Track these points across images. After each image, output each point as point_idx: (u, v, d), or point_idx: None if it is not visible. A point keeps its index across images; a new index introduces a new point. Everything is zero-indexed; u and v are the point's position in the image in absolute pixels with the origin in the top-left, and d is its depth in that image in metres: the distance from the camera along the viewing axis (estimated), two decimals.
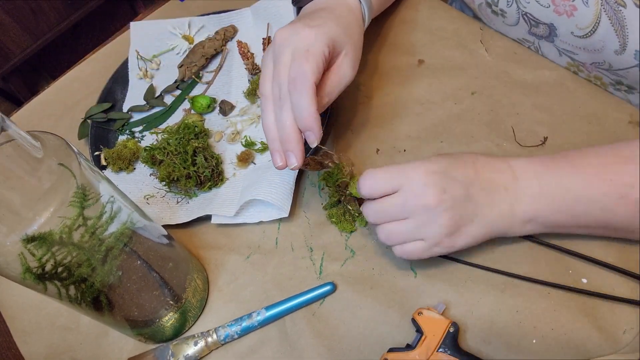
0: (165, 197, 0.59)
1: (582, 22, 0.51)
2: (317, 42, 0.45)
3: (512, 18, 0.59)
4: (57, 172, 0.33)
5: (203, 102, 0.65)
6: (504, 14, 0.59)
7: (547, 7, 0.53)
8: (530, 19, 0.56)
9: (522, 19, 0.58)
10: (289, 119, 0.45)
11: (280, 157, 0.47)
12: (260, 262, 0.53)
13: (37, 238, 0.32)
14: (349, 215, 0.52)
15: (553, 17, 0.54)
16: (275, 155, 0.47)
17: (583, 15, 0.50)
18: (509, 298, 0.46)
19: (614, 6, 0.47)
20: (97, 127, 0.65)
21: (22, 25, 1.54)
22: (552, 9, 0.53)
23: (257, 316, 0.48)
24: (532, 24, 0.57)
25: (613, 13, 0.48)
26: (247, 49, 0.69)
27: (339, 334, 0.47)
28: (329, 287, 0.48)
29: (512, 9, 0.57)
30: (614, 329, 0.43)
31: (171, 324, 0.47)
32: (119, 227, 0.38)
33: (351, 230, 0.52)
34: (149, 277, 0.43)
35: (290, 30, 0.47)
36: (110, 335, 0.51)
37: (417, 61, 0.64)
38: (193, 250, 0.55)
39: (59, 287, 0.36)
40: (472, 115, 0.58)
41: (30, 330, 0.53)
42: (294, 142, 0.45)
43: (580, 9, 0.50)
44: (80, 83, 0.74)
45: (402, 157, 0.56)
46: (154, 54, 0.72)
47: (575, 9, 0.51)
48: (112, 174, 0.62)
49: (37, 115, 0.72)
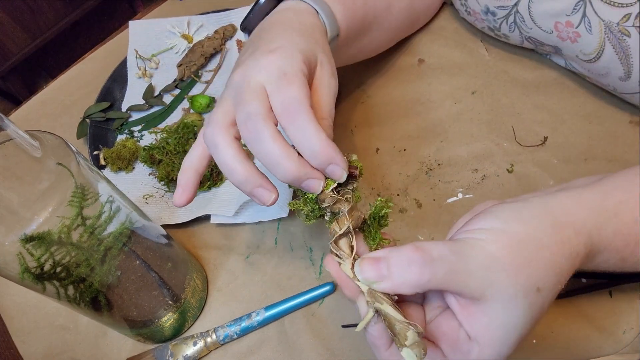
0: (165, 197, 0.58)
1: (586, 49, 0.50)
2: (291, 62, 0.36)
3: (516, 41, 0.58)
4: (56, 172, 0.33)
5: (202, 101, 0.64)
6: (507, 38, 0.59)
7: (550, 33, 0.53)
8: (535, 41, 0.56)
9: (526, 41, 0.57)
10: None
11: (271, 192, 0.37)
12: (260, 262, 0.53)
13: (36, 238, 0.32)
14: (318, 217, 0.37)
15: (557, 42, 0.53)
16: (265, 194, 0.37)
17: (587, 42, 0.50)
18: None
19: (618, 35, 0.47)
20: (95, 126, 0.65)
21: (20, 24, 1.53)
22: (555, 35, 0.52)
23: (256, 316, 0.48)
24: (537, 44, 0.56)
25: (617, 42, 0.47)
26: None
27: (339, 334, 0.47)
28: (329, 287, 0.48)
29: (515, 34, 0.57)
30: (613, 329, 0.43)
31: (170, 324, 0.47)
32: (118, 227, 0.37)
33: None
34: (148, 277, 0.43)
35: (248, 65, 0.37)
36: (109, 335, 0.51)
37: (417, 61, 0.64)
38: (192, 250, 0.55)
39: (58, 287, 0.36)
40: (472, 115, 0.57)
41: (28, 330, 0.53)
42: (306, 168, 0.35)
43: (583, 36, 0.49)
44: (78, 82, 0.74)
45: (402, 156, 0.56)
46: (153, 53, 0.72)
47: (579, 36, 0.50)
48: (111, 173, 0.62)
49: (35, 114, 0.72)
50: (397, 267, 0.30)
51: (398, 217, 0.52)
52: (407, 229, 0.51)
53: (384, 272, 0.31)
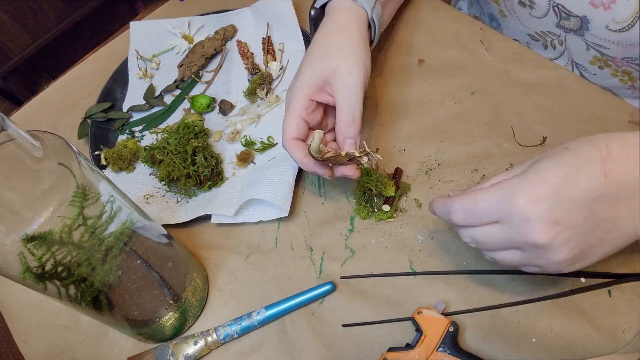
0: (165, 197, 0.59)
1: (620, 16, 0.50)
2: (295, 96, 0.49)
3: (542, 10, 0.56)
4: (57, 172, 0.33)
5: (203, 101, 0.65)
6: (532, 5, 0.57)
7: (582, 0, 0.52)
8: (562, 11, 0.54)
9: (552, 10, 0.55)
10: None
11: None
12: (260, 261, 0.53)
13: (37, 237, 0.32)
14: (370, 206, 0.53)
15: (587, 10, 0.52)
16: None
17: (622, 8, 0.49)
18: (508, 298, 0.46)
19: None
20: (96, 126, 0.65)
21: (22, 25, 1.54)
22: (587, 1, 0.51)
23: (256, 316, 0.48)
24: (562, 16, 0.55)
25: None
26: (246, 49, 0.69)
27: (339, 334, 0.47)
28: (329, 287, 0.48)
29: (542, 1, 0.56)
30: (613, 329, 0.43)
31: (171, 324, 0.47)
32: (119, 227, 0.38)
33: (364, 218, 0.53)
34: (149, 276, 0.43)
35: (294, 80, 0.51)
36: (110, 334, 0.51)
37: (418, 61, 0.64)
38: (193, 249, 0.55)
39: (59, 287, 0.36)
40: (473, 115, 0.58)
41: (30, 329, 0.53)
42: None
43: (619, 3, 0.49)
44: (80, 82, 0.74)
45: (402, 156, 0.56)
46: (154, 54, 0.72)
47: (614, 2, 0.49)
48: (112, 173, 0.62)
49: (36, 114, 0.72)
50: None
51: (398, 217, 0.52)
52: (407, 228, 0.52)
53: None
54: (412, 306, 0.46)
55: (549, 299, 0.45)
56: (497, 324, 0.45)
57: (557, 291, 0.45)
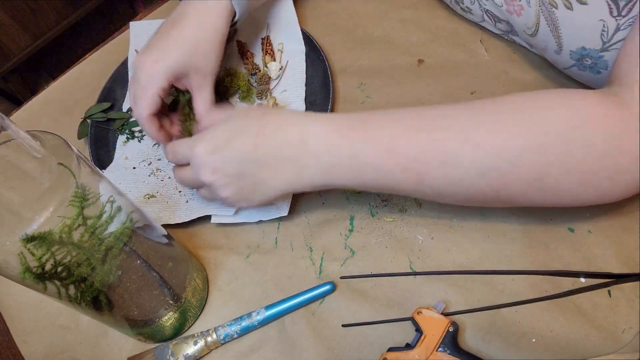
0: (165, 197, 0.58)
1: (528, 22, 0.52)
2: (155, 77, 0.51)
3: (477, 15, 0.60)
4: (57, 172, 0.33)
5: None
6: (470, 11, 0.61)
7: (500, 6, 0.54)
8: (492, 16, 0.58)
9: (485, 15, 0.59)
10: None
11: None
12: (260, 261, 0.53)
13: (37, 238, 0.32)
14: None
15: (508, 16, 0.55)
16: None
17: (528, 15, 0.51)
18: (508, 298, 0.46)
19: (548, 7, 0.47)
20: (96, 126, 0.65)
21: (21, 25, 1.54)
22: (504, 8, 0.54)
23: (256, 316, 0.48)
24: (495, 20, 0.58)
25: (548, 14, 0.48)
26: (246, 49, 0.69)
27: (339, 334, 0.47)
28: (329, 287, 0.48)
29: (475, 7, 0.59)
30: (613, 328, 0.43)
31: (171, 324, 0.47)
32: (119, 227, 0.38)
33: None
34: (149, 276, 0.43)
35: (141, 58, 0.53)
36: (109, 334, 0.51)
37: (417, 61, 0.64)
38: (193, 249, 0.55)
39: (59, 287, 0.36)
40: None
41: (29, 329, 0.53)
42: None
43: (525, 9, 0.51)
44: (79, 83, 0.74)
45: None
46: None
47: (522, 9, 0.51)
48: (112, 173, 0.62)
49: (36, 115, 0.72)
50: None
51: (398, 217, 0.52)
52: (407, 228, 0.52)
53: None
54: (412, 306, 0.46)
55: (549, 299, 0.44)
56: (497, 324, 0.45)
57: (557, 291, 0.45)
